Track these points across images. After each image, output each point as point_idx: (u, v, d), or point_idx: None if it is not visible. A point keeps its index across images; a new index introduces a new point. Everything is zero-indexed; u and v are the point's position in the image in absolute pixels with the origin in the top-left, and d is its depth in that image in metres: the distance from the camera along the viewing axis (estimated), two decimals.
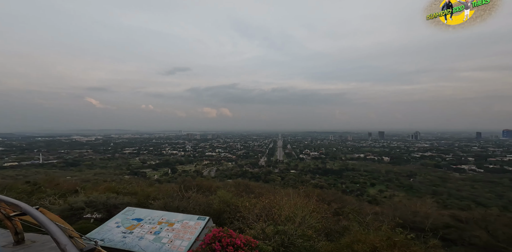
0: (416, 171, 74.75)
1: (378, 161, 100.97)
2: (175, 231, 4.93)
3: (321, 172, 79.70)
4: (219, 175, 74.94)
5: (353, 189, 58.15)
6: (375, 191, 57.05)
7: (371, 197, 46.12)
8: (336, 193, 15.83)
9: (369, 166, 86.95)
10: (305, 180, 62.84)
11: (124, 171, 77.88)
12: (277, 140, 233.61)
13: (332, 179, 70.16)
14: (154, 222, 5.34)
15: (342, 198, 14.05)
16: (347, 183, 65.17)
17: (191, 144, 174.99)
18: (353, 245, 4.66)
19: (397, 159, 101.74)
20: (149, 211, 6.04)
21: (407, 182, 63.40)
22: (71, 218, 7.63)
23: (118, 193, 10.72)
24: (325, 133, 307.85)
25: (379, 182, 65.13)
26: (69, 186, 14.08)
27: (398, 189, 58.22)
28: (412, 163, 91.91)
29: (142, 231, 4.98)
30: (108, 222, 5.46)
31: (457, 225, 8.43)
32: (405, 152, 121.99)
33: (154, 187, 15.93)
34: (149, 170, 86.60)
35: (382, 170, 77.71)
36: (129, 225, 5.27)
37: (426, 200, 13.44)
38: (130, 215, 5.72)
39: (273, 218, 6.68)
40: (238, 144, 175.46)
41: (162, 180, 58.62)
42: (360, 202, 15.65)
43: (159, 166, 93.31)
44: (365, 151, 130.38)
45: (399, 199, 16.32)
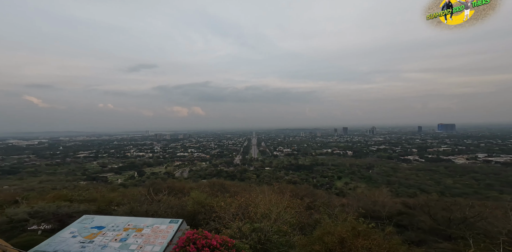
0: (374, 163, 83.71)
1: (343, 155, 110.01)
2: (144, 237, 4.54)
3: (294, 168, 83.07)
4: (193, 175, 72.14)
5: (323, 183, 61.76)
6: (342, 183, 61.76)
7: (338, 190, 49.90)
8: (308, 188, 16.58)
9: (336, 160, 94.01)
10: (279, 177, 64.86)
11: (79, 177, 68.89)
12: (252, 138, 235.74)
13: (304, 174, 73.53)
14: (119, 228, 4.85)
15: (313, 192, 14.82)
16: (317, 178, 68.90)
17: (160, 144, 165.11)
18: (323, 237, 4.88)
19: (358, 153, 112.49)
20: (112, 217, 5.48)
21: (367, 174, 70.65)
22: (11, 232, 6.76)
23: (71, 201, 9.58)
24: (297, 130, 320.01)
25: (344, 175, 70.90)
26: (6, 196, 12.00)
27: (360, 180, 64.25)
28: (370, 156, 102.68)
29: (105, 239, 4.47)
30: (61, 233, 4.79)
31: (407, 211, 9.71)
32: (365, 145, 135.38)
33: (118, 191, 14.51)
34: (111, 174, 78.45)
35: (346, 163, 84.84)
36: (88, 234, 4.70)
37: (382, 189, 14.85)
38: (88, 223, 5.12)
39: (249, 216, 6.70)
40: (212, 143, 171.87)
41: (127, 184, 53.72)
42: (330, 195, 16.72)
43: (123, 169, 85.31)
44: (332, 146, 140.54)
45: (361, 190, 18.12)
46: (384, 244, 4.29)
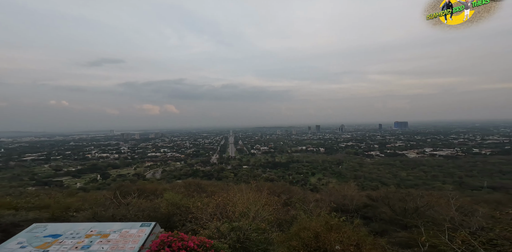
0: (343, 159, 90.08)
1: (316, 152, 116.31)
2: (112, 243, 4.10)
3: (271, 166, 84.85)
4: (166, 176, 68.54)
5: (298, 180, 64.13)
6: (315, 179, 65.11)
7: (312, 186, 52.33)
8: (285, 185, 17.07)
9: (310, 157, 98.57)
10: (257, 175, 65.62)
11: (26, 182, 59.70)
12: (229, 136, 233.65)
13: (281, 172, 75.51)
14: (80, 236, 4.30)
15: (290, 189, 15.25)
16: (293, 174, 71.42)
17: (127, 144, 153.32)
18: (300, 233, 5.03)
19: (330, 149, 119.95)
20: (71, 224, 4.85)
21: (337, 169, 76.03)
22: None
23: (17, 209, 8.30)
24: (274, 128, 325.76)
25: (318, 171, 74.97)
26: None
27: (331, 176, 68.66)
28: (340, 152, 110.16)
29: (62, 248, 3.91)
30: (6, 244, 4.08)
31: (371, 204, 10.62)
32: (335, 142, 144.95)
33: (77, 196, 13.00)
34: (68, 178, 70.03)
35: (319, 160, 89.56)
36: (40, 243, 4.07)
37: (350, 184, 15.84)
38: (40, 232, 4.44)
39: (228, 216, 6.65)
40: (187, 142, 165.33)
41: (88, 187, 48.42)
42: (305, 191, 17.46)
43: (82, 172, 76.84)
44: (306, 143, 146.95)
45: (333, 185, 19.40)
46: (353, 236, 4.58)
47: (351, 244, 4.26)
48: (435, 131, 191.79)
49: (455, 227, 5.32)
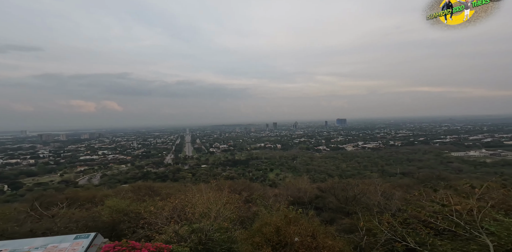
0: (297, 154, 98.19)
1: (274, 148, 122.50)
2: None
3: (231, 164, 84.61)
4: (107, 181, 59.06)
5: (258, 176, 66.08)
6: (274, 175, 68.43)
7: (271, 181, 54.65)
8: (245, 182, 17.10)
9: (268, 153, 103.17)
10: (217, 173, 64.26)
11: None
12: (185, 135, 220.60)
13: (241, 169, 76.39)
14: None
15: (250, 186, 15.54)
16: (253, 171, 73.15)
17: (49, 147, 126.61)
18: (262, 229, 5.19)
19: (286, 145, 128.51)
20: None
21: (292, 164, 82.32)
22: None
23: None
24: (233, 126, 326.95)
25: (275, 167, 79.10)
26: None
27: (288, 170, 73.73)
28: (294, 148, 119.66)
29: None
30: None
31: (321, 195, 11.90)
32: (290, 139, 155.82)
33: None
34: None
35: (277, 156, 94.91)
36: None
37: (304, 177, 17.17)
38: None
39: (187, 218, 6.40)
40: (135, 143, 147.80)
41: None
42: (264, 187, 18.08)
43: None
44: (264, 140, 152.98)
45: (289, 180, 20.88)
46: (309, 228, 4.96)
47: (308, 235, 4.65)
48: (364, 126, 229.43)
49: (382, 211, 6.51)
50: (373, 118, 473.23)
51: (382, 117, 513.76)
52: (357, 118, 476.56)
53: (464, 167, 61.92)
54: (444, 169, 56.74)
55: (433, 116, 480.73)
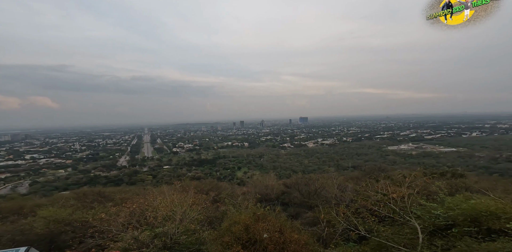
0: (264, 151, 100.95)
1: (241, 146, 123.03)
2: None
3: (197, 163, 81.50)
4: (41, 189, 49.41)
5: (225, 175, 65.33)
6: (241, 173, 68.72)
7: (239, 180, 54.79)
8: (213, 181, 16.95)
9: (236, 152, 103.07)
10: (181, 174, 61.08)
11: None
12: (143, 134, 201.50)
13: (208, 169, 74.30)
14: None
15: (218, 185, 15.33)
16: (220, 170, 71.99)
17: None
18: (231, 228, 5.17)
19: (253, 143, 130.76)
20: None
21: (260, 162, 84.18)
22: None
23: None
24: (198, 124, 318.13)
25: (243, 165, 79.56)
26: None
27: (255, 168, 75.14)
28: (261, 145, 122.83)
29: None
30: None
31: (287, 190, 12.56)
32: (257, 137, 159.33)
33: None
34: None
35: (244, 154, 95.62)
36: None
37: (270, 174, 17.76)
38: None
39: (148, 222, 6.08)
40: (77, 144, 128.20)
41: None
42: (232, 186, 18.10)
43: None
44: (231, 139, 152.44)
45: (256, 177, 21.41)
46: (277, 224, 5.14)
47: (276, 231, 4.87)
48: (323, 124, 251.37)
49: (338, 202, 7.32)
50: (330, 117, 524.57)
51: (337, 116, 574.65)
52: (317, 117, 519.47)
53: (397, 159, 74.23)
54: (383, 161, 66.98)
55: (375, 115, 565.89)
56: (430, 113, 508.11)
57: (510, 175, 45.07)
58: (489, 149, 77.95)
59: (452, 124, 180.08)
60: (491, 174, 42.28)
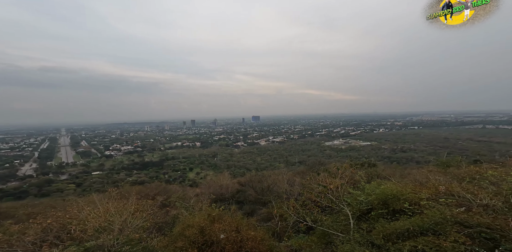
0: (217, 151, 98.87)
1: (193, 146, 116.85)
2: None
3: (139, 167, 72.83)
4: None
5: (175, 177, 60.87)
6: (194, 174, 65.32)
7: (191, 181, 52.33)
8: (160, 185, 15.80)
9: (186, 152, 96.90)
10: (119, 180, 52.86)
11: None
12: (59, 136, 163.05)
13: (154, 171, 68.01)
14: None
15: (166, 188, 14.29)
16: (169, 173, 66.63)
17: None
18: (184, 232, 4.95)
19: (205, 143, 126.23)
20: None
21: (213, 162, 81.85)
22: None
23: None
24: (140, 124, 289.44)
25: (195, 166, 75.67)
26: None
27: (209, 168, 72.64)
28: (214, 145, 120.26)
29: None
30: None
31: (241, 189, 12.77)
32: (209, 136, 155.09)
33: None
34: None
35: (196, 154, 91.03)
36: None
37: (225, 174, 17.58)
38: None
39: (73, 237, 5.25)
40: None
41: None
42: (184, 188, 17.06)
43: None
44: (181, 138, 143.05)
45: (210, 177, 20.86)
46: (233, 223, 5.15)
47: (232, 230, 4.91)
48: (274, 123, 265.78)
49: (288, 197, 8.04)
50: (280, 115, 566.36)
51: (286, 115, 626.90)
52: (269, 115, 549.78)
53: (332, 153, 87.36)
54: (322, 156, 77.67)
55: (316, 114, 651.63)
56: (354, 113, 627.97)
57: (403, 162, 60.74)
58: (390, 142, 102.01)
59: (367, 122, 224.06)
60: (392, 162, 55.64)
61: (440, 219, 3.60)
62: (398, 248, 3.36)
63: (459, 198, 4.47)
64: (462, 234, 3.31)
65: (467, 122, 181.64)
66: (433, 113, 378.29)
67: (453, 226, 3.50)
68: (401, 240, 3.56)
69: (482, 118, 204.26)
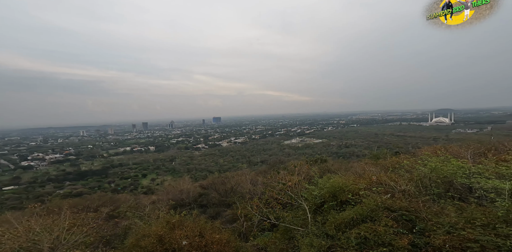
0: (175, 154, 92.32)
1: (145, 151, 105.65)
2: None
3: (74, 177, 61.63)
4: None
5: (125, 185, 55.20)
6: (148, 180, 59.30)
7: (146, 188, 47.46)
8: (104, 195, 14.32)
9: (138, 157, 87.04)
10: (44, 193, 43.40)
11: None
12: None
13: (95, 181, 59.20)
14: None
15: (113, 198, 12.81)
16: (116, 181, 59.54)
17: None
18: (140, 243, 4.64)
19: (161, 147, 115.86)
20: None
21: (171, 166, 75.88)
22: None
23: None
24: (73, 128, 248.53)
25: (150, 171, 68.73)
26: None
27: (166, 174, 66.89)
28: (172, 148, 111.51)
29: None
30: None
31: (204, 192, 12.37)
32: (166, 139, 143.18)
33: None
34: None
35: (150, 159, 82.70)
36: None
37: (185, 178, 16.82)
38: None
39: None
40: None
41: None
42: (137, 196, 15.52)
43: None
44: (131, 143, 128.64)
45: (168, 183, 19.30)
46: (195, 228, 5.05)
47: (195, 235, 4.80)
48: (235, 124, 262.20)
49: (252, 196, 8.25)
50: (241, 116, 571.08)
51: (247, 115, 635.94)
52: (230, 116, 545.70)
53: (291, 151, 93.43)
54: (282, 154, 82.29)
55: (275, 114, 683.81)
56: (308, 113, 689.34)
57: (347, 157, 70.24)
58: (337, 139, 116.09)
59: (319, 121, 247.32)
60: (339, 157, 63.52)
61: (374, 206, 4.17)
62: (347, 237, 3.76)
63: (386, 186, 5.40)
64: (390, 218, 3.87)
65: (389, 120, 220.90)
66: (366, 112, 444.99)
67: (383, 212, 4.07)
68: (348, 229, 3.97)
69: (399, 117, 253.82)
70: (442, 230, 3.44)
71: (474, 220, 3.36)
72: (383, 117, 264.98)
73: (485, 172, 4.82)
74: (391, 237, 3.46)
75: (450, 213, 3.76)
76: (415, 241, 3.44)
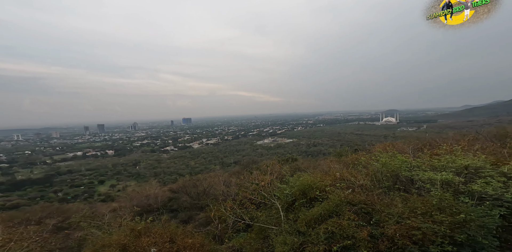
0: (139, 158, 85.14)
1: (102, 155, 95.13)
2: None
3: (7, 188, 52.40)
4: None
5: (77, 194, 49.41)
6: (107, 187, 53.87)
7: (104, 195, 43.41)
8: (50, 206, 12.67)
9: (92, 163, 77.88)
10: None
11: None
12: None
13: (36, 191, 51.32)
14: None
15: (61, 208, 11.41)
16: (65, 189, 52.67)
17: None
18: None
19: (122, 150, 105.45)
20: None
21: (135, 170, 69.63)
22: None
23: None
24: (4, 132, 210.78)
25: (108, 177, 62.12)
26: None
27: (128, 179, 61.05)
28: (135, 152, 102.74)
29: None
30: None
31: (174, 196, 11.72)
32: (128, 142, 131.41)
33: None
34: None
35: (108, 164, 74.76)
36: None
37: (152, 182, 15.81)
38: None
39: None
40: None
41: None
42: (93, 205, 13.84)
43: None
44: (83, 147, 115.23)
45: (132, 188, 17.67)
46: (165, 233, 4.80)
47: (165, 241, 4.55)
48: (207, 124, 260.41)
49: (226, 198, 8.18)
50: (213, 117, 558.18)
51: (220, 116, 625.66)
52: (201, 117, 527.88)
53: (264, 152, 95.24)
54: (255, 155, 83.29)
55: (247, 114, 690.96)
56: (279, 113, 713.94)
57: (315, 155, 75.04)
58: (306, 138, 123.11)
59: (289, 121, 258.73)
60: (308, 155, 67.43)
61: (338, 201, 4.51)
62: (316, 232, 3.97)
63: (347, 181, 5.94)
64: (351, 212, 4.21)
65: (350, 120, 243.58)
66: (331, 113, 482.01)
67: (346, 206, 4.40)
68: (317, 225, 4.18)
69: (358, 117, 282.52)
70: (392, 220, 3.84)
71: (415, 209, 3.85)
72: (344, 117, 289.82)
73: (422, 165, 5.62)
74: (354, 230, 3.75)
75: (398, 204, 4.25)
76: (372, 232, 3.76)
